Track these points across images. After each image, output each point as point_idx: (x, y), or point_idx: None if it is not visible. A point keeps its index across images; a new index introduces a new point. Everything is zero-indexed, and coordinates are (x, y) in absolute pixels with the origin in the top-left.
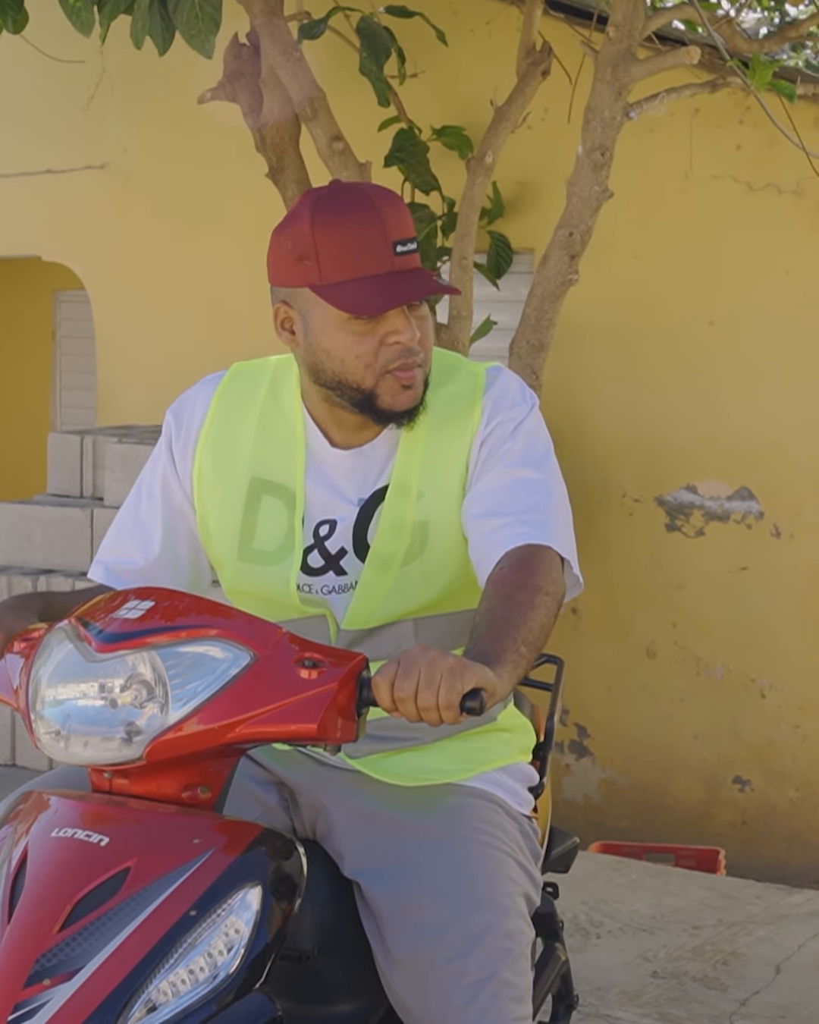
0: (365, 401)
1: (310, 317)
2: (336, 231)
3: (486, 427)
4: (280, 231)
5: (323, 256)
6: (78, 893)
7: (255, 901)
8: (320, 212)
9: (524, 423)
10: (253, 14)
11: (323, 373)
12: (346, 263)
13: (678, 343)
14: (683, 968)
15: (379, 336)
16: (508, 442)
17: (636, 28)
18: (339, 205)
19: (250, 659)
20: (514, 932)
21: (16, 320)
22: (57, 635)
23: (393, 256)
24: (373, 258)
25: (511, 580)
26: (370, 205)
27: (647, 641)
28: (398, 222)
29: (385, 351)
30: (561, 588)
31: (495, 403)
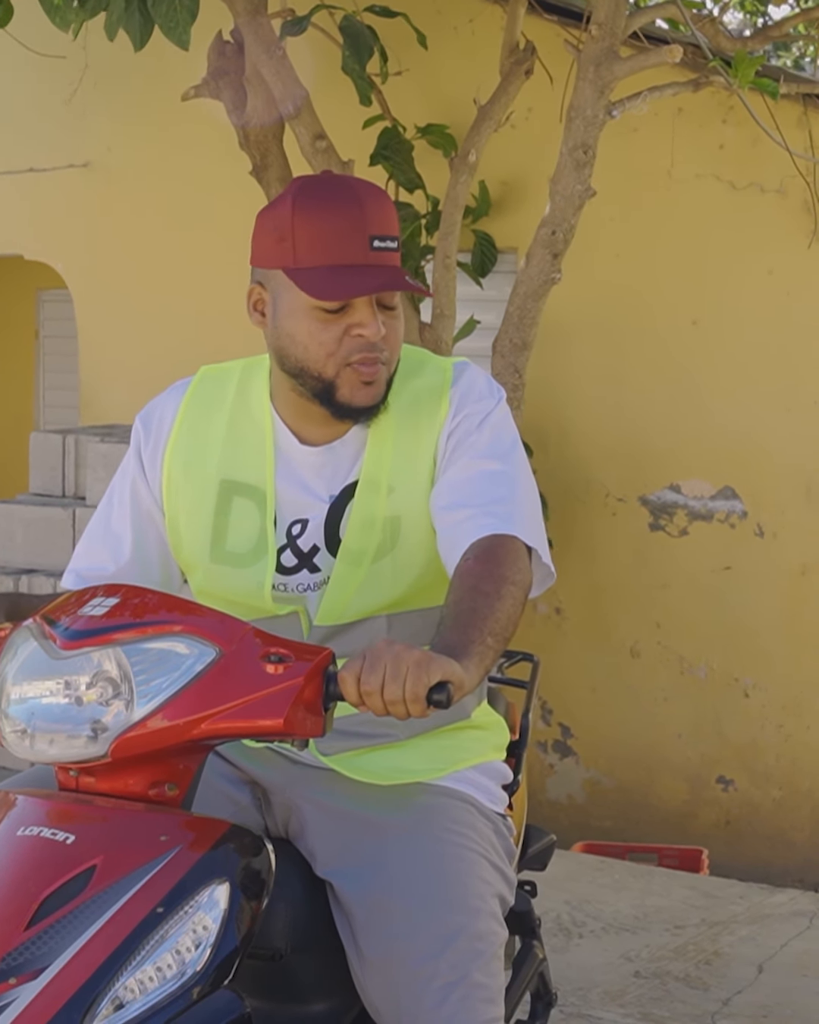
0: (325, 392)
1: (280, 300)
2: (315, 217)
3: (453, 420)
4: (264, 212)
5: (299, 240)
6: (44, 891)
7: (223, 898)
8: (302, 197)
9: (490, 416)
10: (236, 12)
11: (286, 359)
12: (320, 249)
13: (661, 342)
14: (666, 968)
15: (343, 326)
16: (474, 434)
17: (618, 26)
18: (322, 192)
19: (215, 655)
20: (486, 933)
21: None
22: (22, 633)
23: (369, 250)
24: (347, 248)
25: (476, 571)
26: (352, 196)
27: (631, 641)
28: (379, 217)
29: (348, 342)
30: (528, 578)
31: (462, 396)
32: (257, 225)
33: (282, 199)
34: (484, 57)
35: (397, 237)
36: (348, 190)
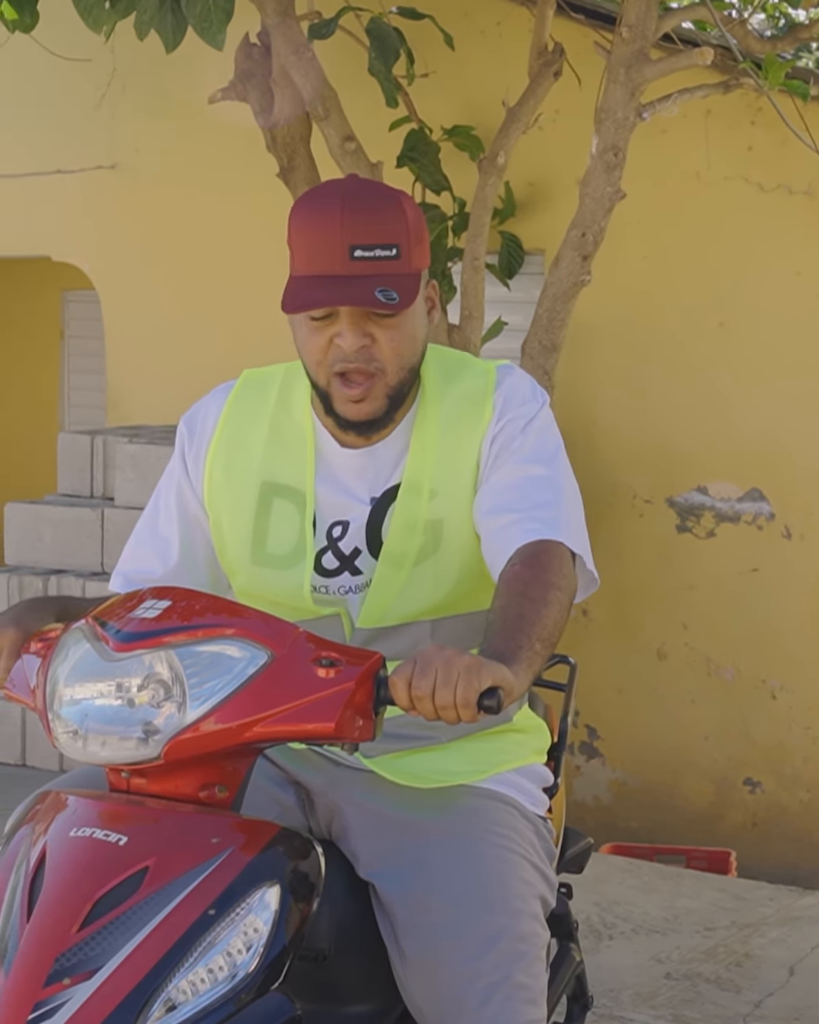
0: (325, 401)
1: None
2: (300, 226)
3: (497, 424)
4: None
5: (293, 249)
6: (97, 892)
7: (273, 900)
8: (298, 205)
9: (534, 420)
10: (265, 13)
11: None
12: (305, 259)
13: (689, 344)
14: (696, 970)
15: (328, 336)
16: (519, 439)
17: (649, 29)
18: (311, 201)
19: (267, 658)
20: (528, 935)
21: (24, 320)
22: (74, 635)
23: (348, 260)
24: (325, 258)
25: (523, 577)
26: (335, 205)
27: (657, 642)
28: (365, 226)
29: (332, 351)
30: (573, 583)
31: (506, 400)
32: None
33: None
34: (511, 59)
35: (393, 245)
36: (334, 198)
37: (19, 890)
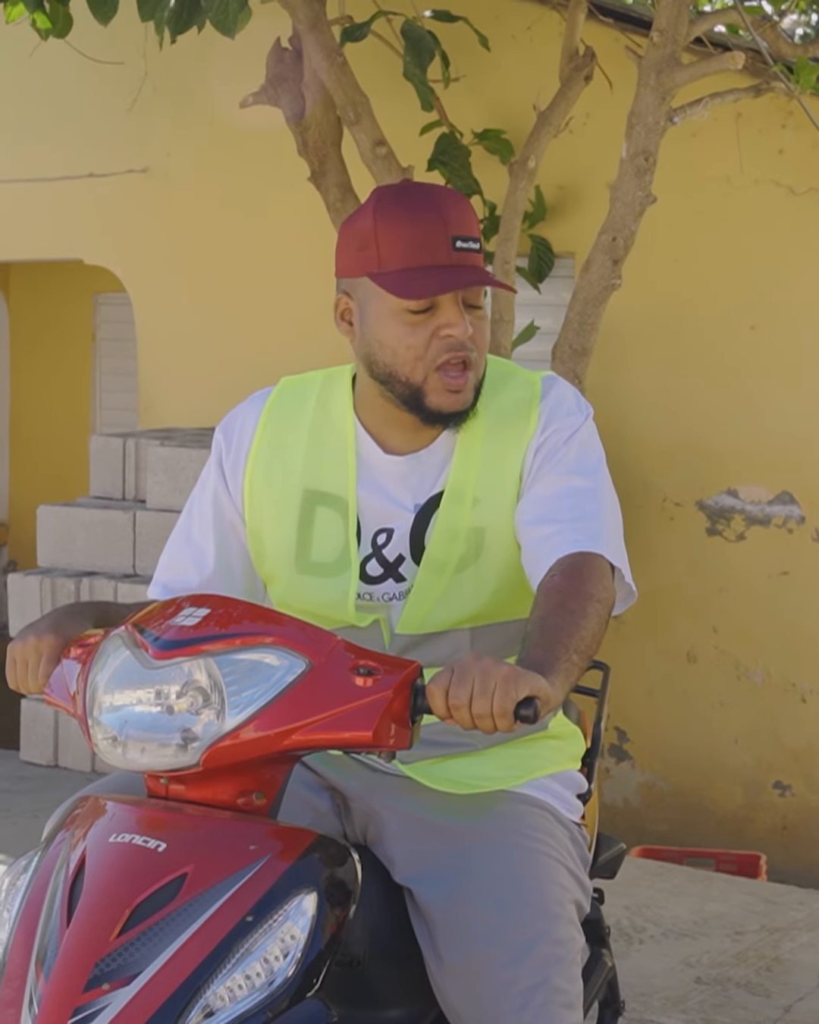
0: (413, 398)
1: (367, 307)
2: (397, 221)
3: (541, 435)
4: (346, 223)
5: (383, 245)
6: (136, 898)
7: (310, 907)
8: (383, 203)
9: (579, 432)
10: (297, 19)
11: (375, 365)
12: (404, 252)
13: (719, 347)
14: (726, 974)
15: (431, 328)
16: (562, 450)
17: (680, 33)
18: (403, 198)
19: (305, 666)
20: (565, 939)
21: (57, 323)
22: (114, 641)
23: (452, 250)
24: (431, 249)
25: (563, 588)
26: (432, 199)
27: (687, 645)
28: (460, 218)
29: (436, 344)
30: (612, 596)
31: (551, 411)
32: (340, 237)
33: (363, 208)
34: (542, 63)
35: (478, 239)
36: (428, 194)
37: (59, 895)
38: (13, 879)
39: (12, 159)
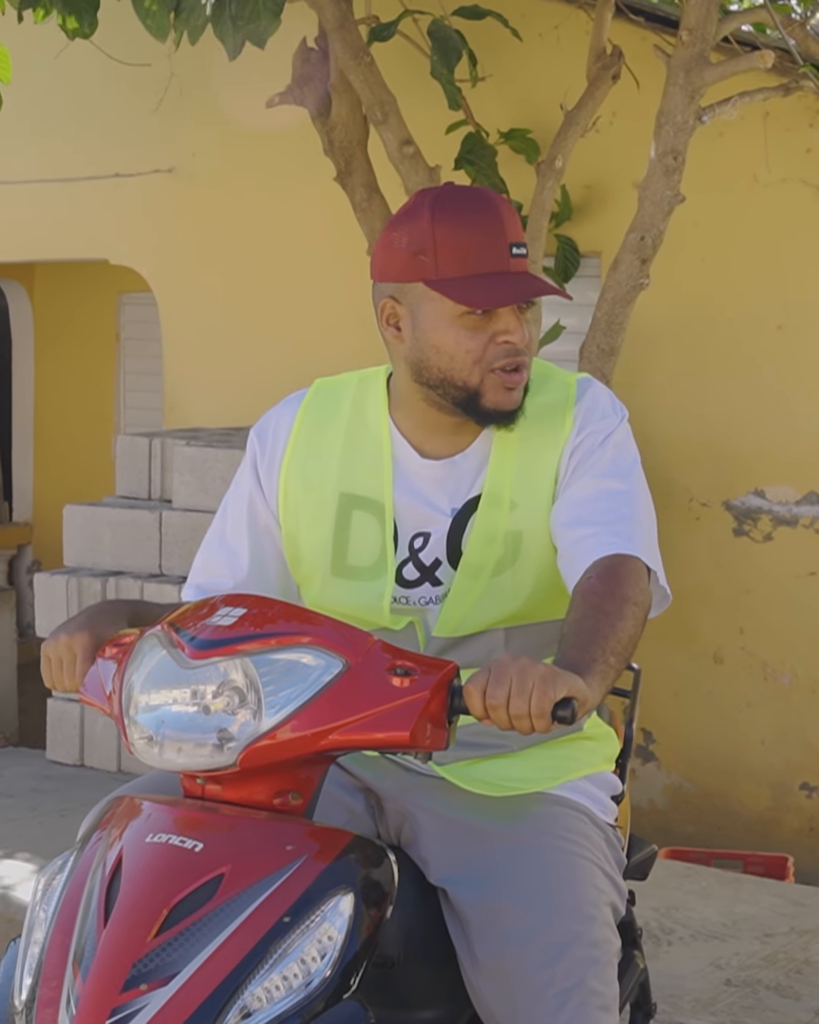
0: (468, 400)
1: (420, 312)
2: (457, 227)
3: (577, 437)
4: (394, 227)
5: (441, 251)
6: (174, 899)
7: (347, 908)
8: (441, 208)
9: (613, 435)
10: (324, 19)
11: (427, 371)
12: (464, 259)
13: (746, 347)
14: (756, 976)
15: (490, 333)
16: (597, 452)
17: (709, 32)
18: (460, 203)
19: (342, 666)
20: (601, 941)
21: (80, 323)
22: (149, 641)
23: (509, 257)
24: (491, 256)
25: (598, 590)
26: (490, 205)
27: (714, 647)
28: (514, 225)
29: (493, 349)
30: (648, 599)
31: (586, 413)
32: (385, 240)
33: (416, 212)
34: (569, 62)
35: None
36: (484, 200)
37: (95, 895)
38: (49, 879)
39: (38, 159)
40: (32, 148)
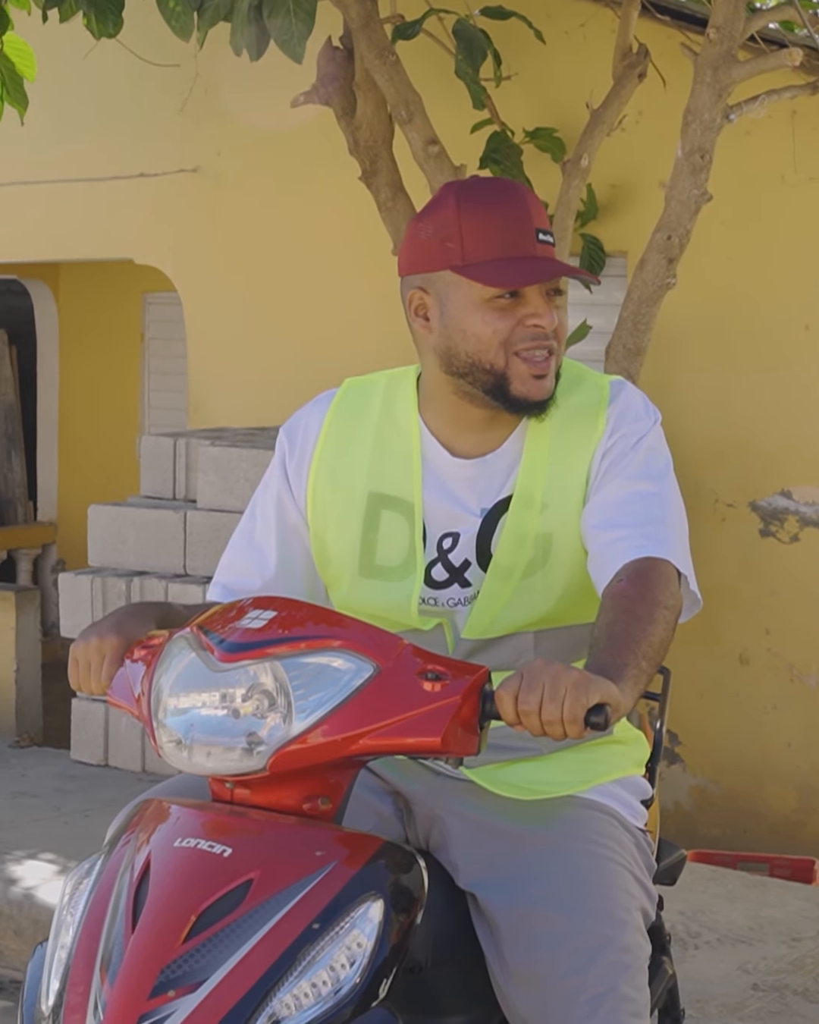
0: (497, 387)
1: (448, 299)
2: (482, 213)
3: (609, 439)
4: (420, 218)
5: (467, 237)
6: (202, 904)
7: (377, 914)
8: (465, 196)
9: (646, 437)
10: (350, 18)
11: (456, 357)
12: (490, 243)
13: (773, 347)
14: (784, 981)
15: (518, 316)
16: (630, 455)
17: (737, 30)
18: (484, 191)
19: (373, 671)
20: (632, 946)
21: (105, 322)
22: (179, 643)
23: (536, 242)
24: (517, 240)
25: (630, 594)
26: (516, 192)
27: (740, 648)
28: (539, 212)
29: (520, 331)
30: (679, 602)
31: (619, 416)
32: (412, 232)
33: (442, 201)
34: (595, 60)
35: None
36: (509, 186)
37: (123, 899)
38: (77, 882)
39: (63, 159)
40: (57, 148)
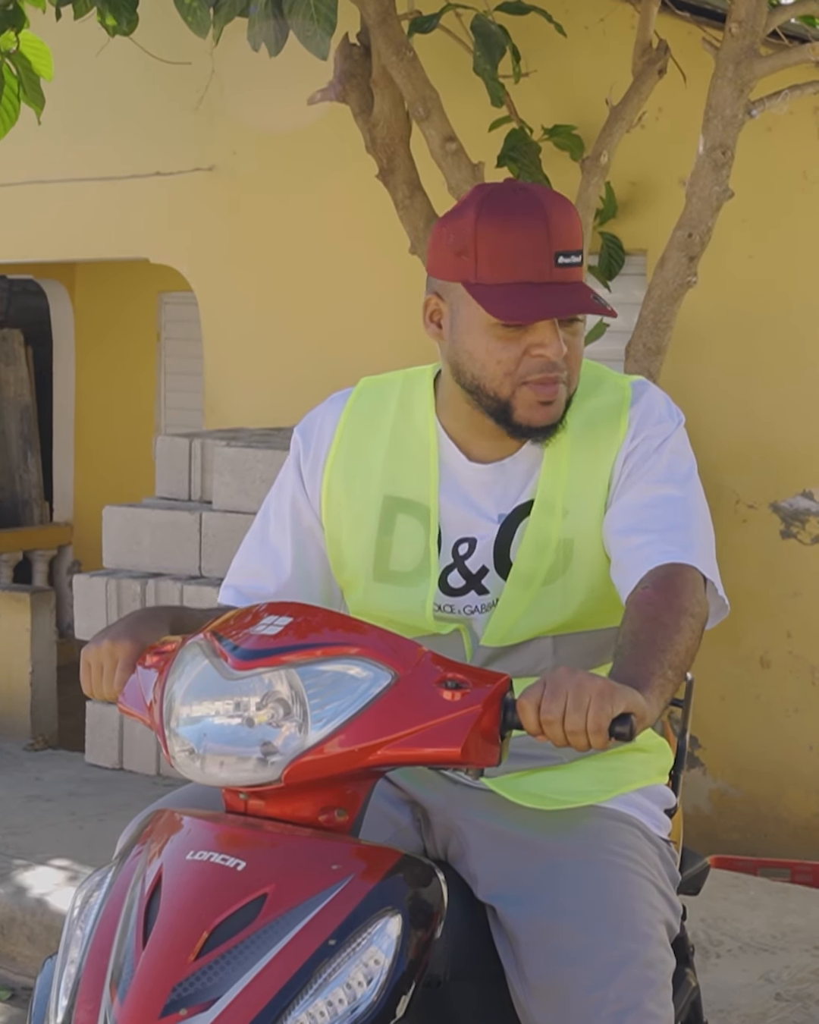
0: (500, 412)
1: (459, 313)
2: (499, 231)
3: (631, 442)
4: (444, 222)
5: (481, 254)
6: (215, 919)
7: (395, 930)
8: (486, 209)
9: (670, 440)
10: (367, 14)
11: (463, 375)
12: (504, 265)
13: (796, 346)
14: (807, 991)
15: (524, 346)
16: (653, 458)
17: (759, 24)
18: (508, 204)
19: (391, 679)
20: (656, 961)
21: (121, 322)
22: (192, 650)
23: (554, 267)
24: (532, 265)
25: (655, 601)
26: (539, 209)
27: (760, 650)
28: (566, 231)
29: (527, 362)
30: (705, 609)
31: (642, 418)
32: (435, 234)
33: (464, 209)
34: (615, 56)
35: (581, 251)
36: (534, 203)
37: (134, 914)
38: (87, 895)
39: (78, 158)
40: (73, 147)
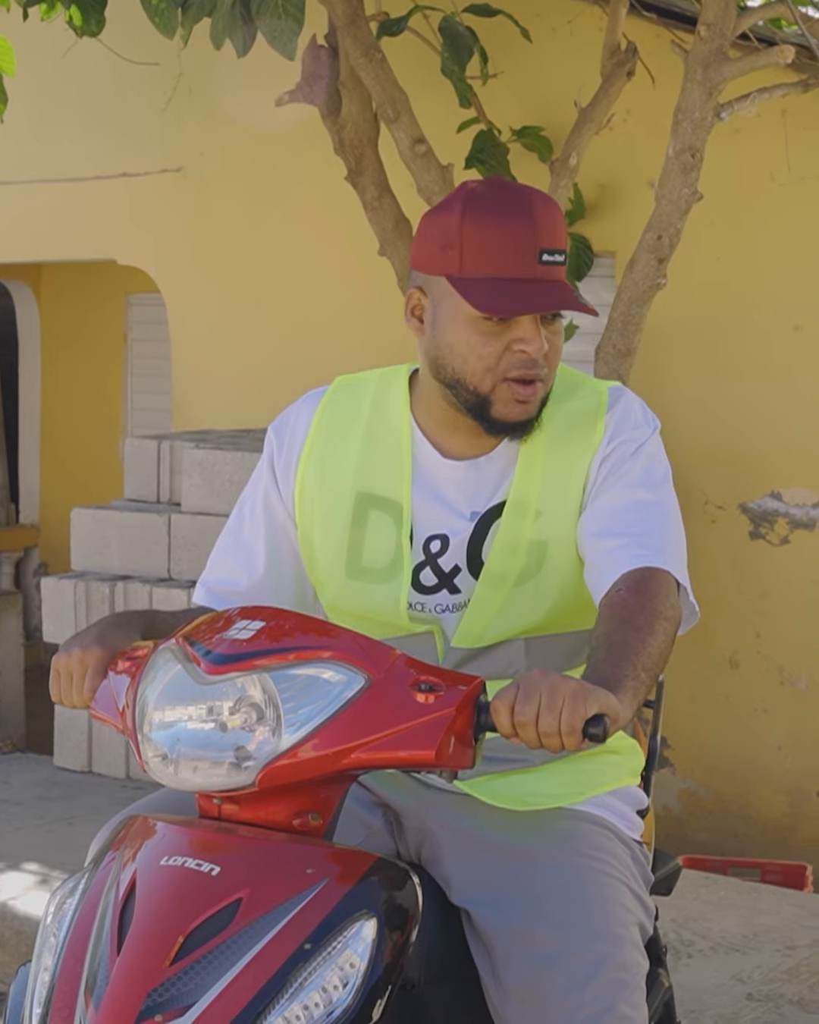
0: (478, 407)
1: (441, 308)
2: (485, 225)
3: (607, 446)
4: (430, 216)
5: (466, 248)
6: (189, 925)
7: (370, 933)
8: (473, 203)
9: (645, 445)
10: (335, 15)
11: (442, 369)
12: (488, 260)
13: (764, 348)
14: (779, 990)
15: (506, 341)
16: (629, 462)
17: (728, 27)
18: (495, 200)
19: (365, 682)
20: (630, 963)
21: (88, 323)
22: (164, 655)
23: (538, 264)
24: (517, 260)
25: (629, 604)
26: (526, 206)
27: (730, 651)
28: (551, 229)
29: (508, 357)
30: (678, 613)
31: (618, 423)
32: (421, 228)
33: (450, 204)
34: (583, 59)
35: (565, 251)
36: (522, 200)
37: (108, 920)
38: (60, 902)
39: (45, 159)
40: (39, 148)
